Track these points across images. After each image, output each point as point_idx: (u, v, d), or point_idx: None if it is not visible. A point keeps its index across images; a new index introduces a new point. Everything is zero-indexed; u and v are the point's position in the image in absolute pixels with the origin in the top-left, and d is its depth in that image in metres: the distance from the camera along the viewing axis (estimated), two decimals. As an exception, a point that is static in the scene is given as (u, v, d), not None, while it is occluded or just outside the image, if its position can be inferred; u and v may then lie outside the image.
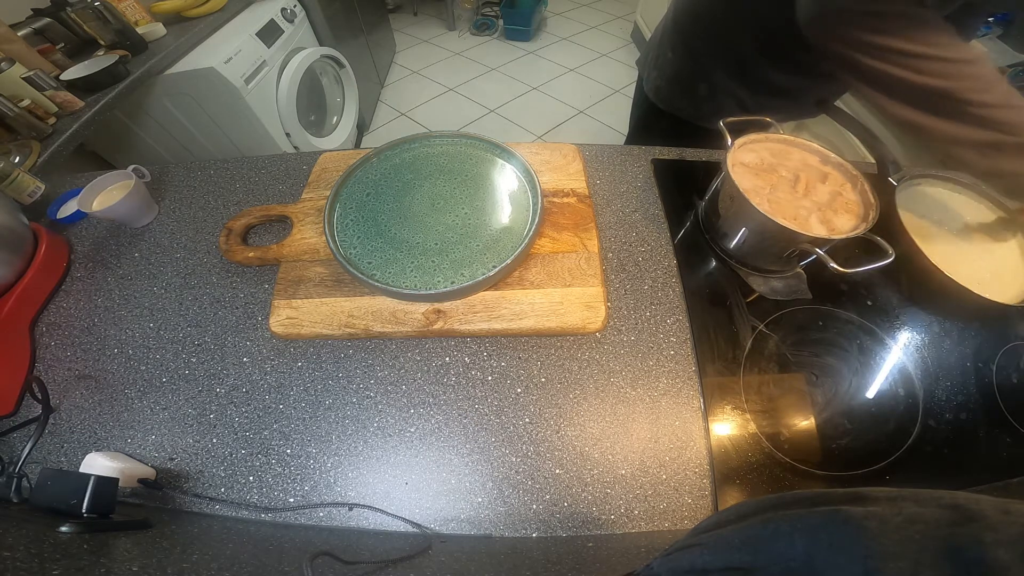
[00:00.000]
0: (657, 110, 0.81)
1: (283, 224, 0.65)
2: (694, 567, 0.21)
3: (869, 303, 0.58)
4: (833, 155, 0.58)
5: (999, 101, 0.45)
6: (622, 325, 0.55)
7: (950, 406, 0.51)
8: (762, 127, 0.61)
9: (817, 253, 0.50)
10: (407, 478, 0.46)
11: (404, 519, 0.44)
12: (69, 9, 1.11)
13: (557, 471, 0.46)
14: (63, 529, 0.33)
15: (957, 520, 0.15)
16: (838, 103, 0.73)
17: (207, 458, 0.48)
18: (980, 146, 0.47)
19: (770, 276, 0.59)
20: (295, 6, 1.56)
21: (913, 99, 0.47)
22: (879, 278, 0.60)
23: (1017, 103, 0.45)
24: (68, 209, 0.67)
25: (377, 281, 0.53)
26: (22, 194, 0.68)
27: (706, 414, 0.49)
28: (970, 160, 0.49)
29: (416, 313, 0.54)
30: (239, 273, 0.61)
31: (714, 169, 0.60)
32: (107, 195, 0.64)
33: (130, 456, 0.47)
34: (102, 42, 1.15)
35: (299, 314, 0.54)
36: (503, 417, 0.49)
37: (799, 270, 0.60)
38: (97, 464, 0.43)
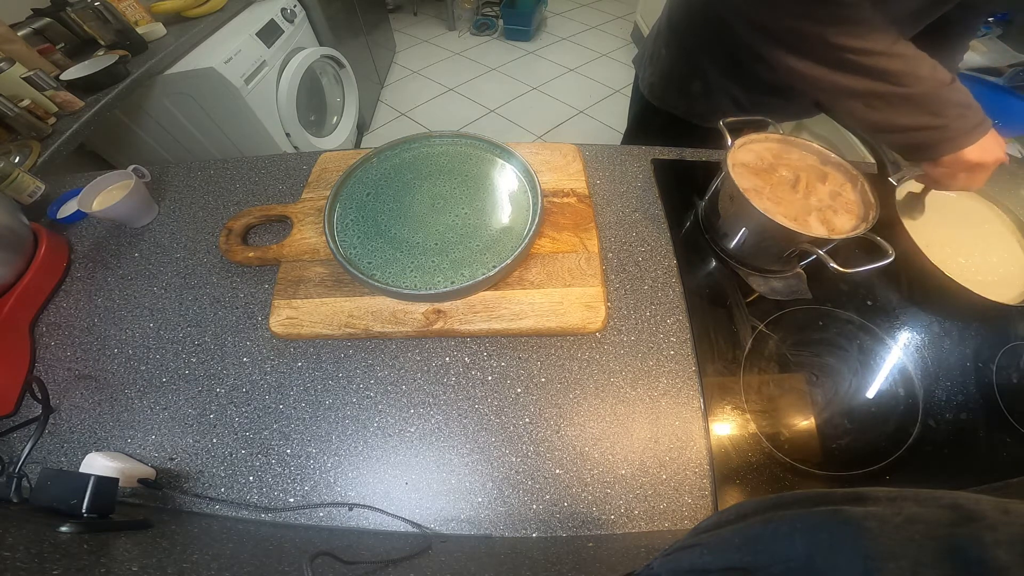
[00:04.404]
0: (652, 108, 0.81)
1: (283, 224, 0.65)
2: (694, 567, 0.21)
3: (869, 303, 0.58)
4: (833, 155, 0.58)
5: (881, 48, 0.41)
6: (622, 325, 0.55)
7: (950, 406, 0.51)
8: (761, 127, 0.61)
9: (817, 253, 0.50)
10: (407, 478, 0.46)
11: (404, 519, 0.44)
12: (69, 9, 1.11)
13: (557, 471, 0.46)
14: (63, 529, 0.33)
15: (957, 520, 0.15)
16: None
17: (207, 458, 0.48)
18: (865, 96, 0.44)
19: (770, 276, 0.59)
20: (295, 6, 1.56)
21: (793, 46, 0.45)
22: (879, 278, 0.60)
23: (903, 52, 0.42)
24: (68, 209, 0.67)
25: (377, 281, 0.53)
26: (22, 194, 0.69)
27: (706, 414, 0.49)
28: (858, 112, 0.46)
29: (416, 313, 0.54)
30: (239, 273, 0.61)
31: (714, 169, 0.60)
32: (107, 195, 0.64)
33: (130, 456, 0.47)
34: (102, 42, 1.15)
35: (299, 314, 0.54)
36: (503, 417, 0.49)
37: (799, 270, 0.60)
38: (97, 464, 0.43)
